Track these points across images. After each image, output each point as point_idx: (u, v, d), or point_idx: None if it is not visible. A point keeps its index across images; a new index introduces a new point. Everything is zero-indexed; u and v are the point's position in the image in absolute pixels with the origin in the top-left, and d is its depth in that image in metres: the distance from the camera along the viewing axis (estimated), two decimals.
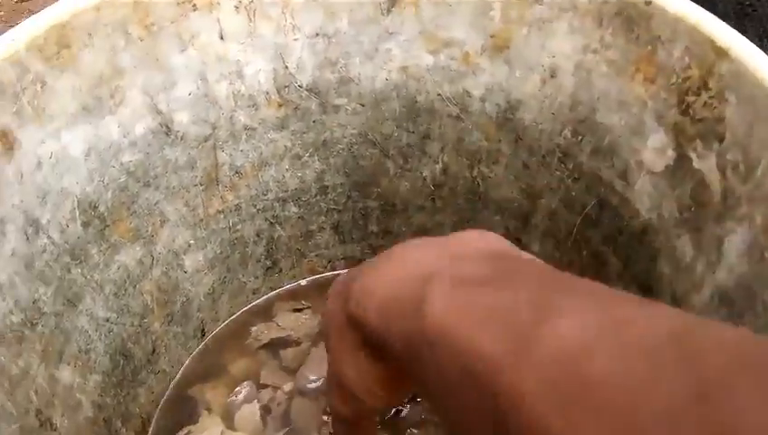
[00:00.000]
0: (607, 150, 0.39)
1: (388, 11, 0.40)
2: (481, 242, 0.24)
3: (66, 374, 0.37)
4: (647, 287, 0.38)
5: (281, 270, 0.57)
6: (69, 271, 0.37)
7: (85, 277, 0.39)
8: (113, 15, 0.34)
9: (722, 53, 0.29)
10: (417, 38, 0.41)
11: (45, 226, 0.35)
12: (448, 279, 0.21)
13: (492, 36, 0.39)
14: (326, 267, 0.59)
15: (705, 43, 0.30)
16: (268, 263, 0.55)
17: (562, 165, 0.42)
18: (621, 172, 0.39)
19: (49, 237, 0.35)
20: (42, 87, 0.33)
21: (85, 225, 0.38)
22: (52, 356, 0.36)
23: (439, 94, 0.44)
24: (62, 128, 0.35)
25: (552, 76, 0.39)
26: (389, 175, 0.51)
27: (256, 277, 0.55)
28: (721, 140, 0.31)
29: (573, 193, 0.43)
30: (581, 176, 0.41)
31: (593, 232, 0.42)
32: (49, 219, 0.35)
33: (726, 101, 0.30)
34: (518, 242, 0.50)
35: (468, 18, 0.39)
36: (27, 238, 0.34)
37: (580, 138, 0.40)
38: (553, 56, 0.38)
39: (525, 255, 0.25)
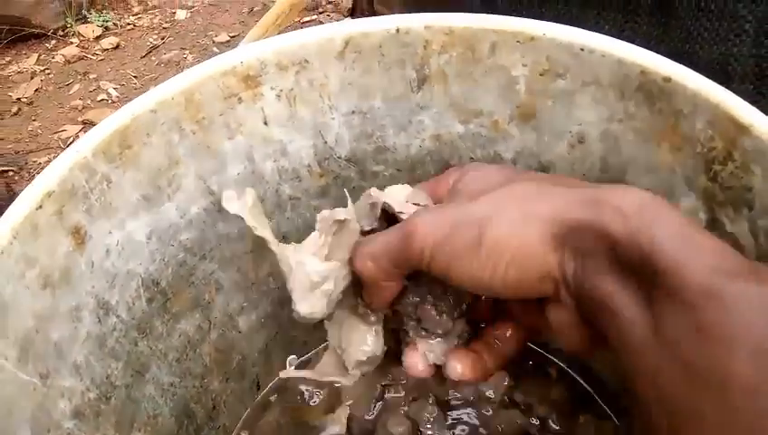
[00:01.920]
0: None
1: (419, 88, 0.42)
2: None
3: None
4: None
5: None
6: (136, 344, 0.41)
7: (150, 348, 0.42)
8: (168, 115, 0.38)
9: (743, 129, 0.30)
10: (447, 110, 0.43)
11: (114, 306, 0.38)
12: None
13: (518, 107, 0.41)
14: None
15: (727, 119, 0.31)
16: None
17: None
18: None
19: (118, 316, 0.39)
20: (108, 185, 0.36)
21: (149, 301, 0.41)
22: (125, 426, 0.39)
23: (472, 157, 0.46)
24: (126, 218, 0.38)
25: (579, 142, 0.40)
26: None
27: (305, 330, 0.58)
28: (751, 207, 0.32)
29: None
30: None
31: None
32: (117, 300, 0.39)
33: (753, 172, 0.31)
34: None
35: (495, 91, 0.41)
36: (99, 320, 0.37)
37: None
38: (580, 124, 0.39)
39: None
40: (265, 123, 0.42)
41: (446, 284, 0.31)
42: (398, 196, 0.37)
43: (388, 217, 0.37)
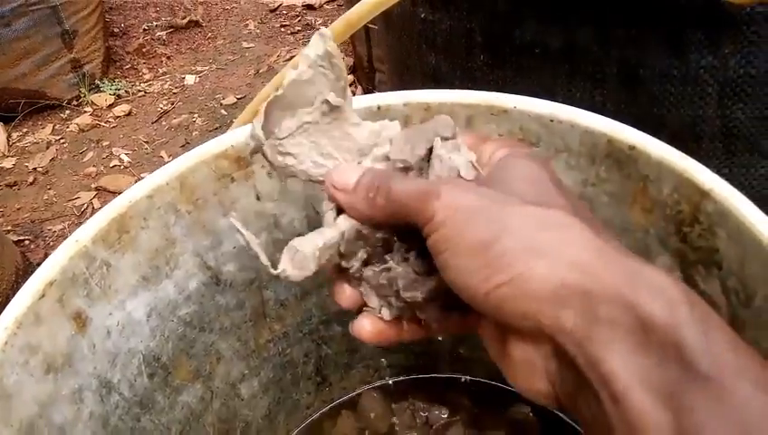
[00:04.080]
0: None
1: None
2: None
3: None
4: None
5: (331, 384, 0.60)
6: (139, 420, 0.42)
7: (153, 422, 0.43)
8: (164, 199, 0.40)
9: (705, 194, 0.31)
10: None
11: (116, 384, 0.40)
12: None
13: None
14: (373, 376, 0.62)
15: (689, 185, 0.32)
16: (318, 379, 0.59)
17: None
18: None
19: (120, 394, 0.40)
20: (107, 269, 0.38)
21: (151, 376, 0.43)
22: None
23: None
24: (126, 299, 0.40)
25: None
26: None
27: (308, 393, 0.59)
28: (719, 267, 0.33)
29: None
30: None
31: None
32: (119, 378, 0.40)
33: (717, 235, 0.32)
34: None
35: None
36: (102, 399, 0.39)
37: None
38: None
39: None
40: (258, 199, 0.44)
41: (418, 256, 0.29)
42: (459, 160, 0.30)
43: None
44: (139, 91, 1.65)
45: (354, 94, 0.36)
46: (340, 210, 0.31)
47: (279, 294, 0.50)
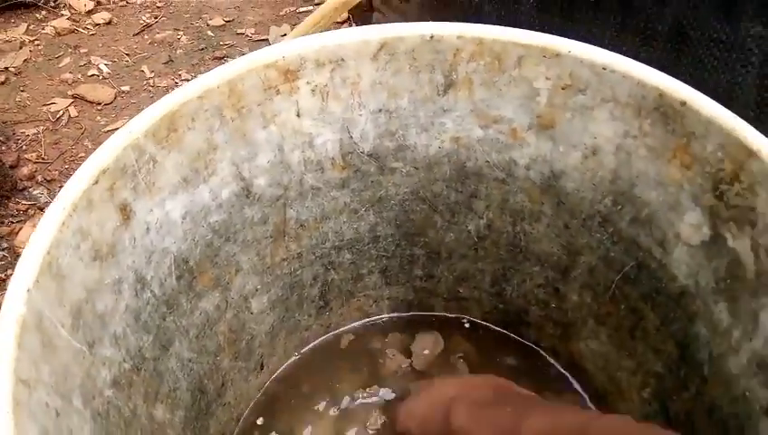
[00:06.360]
0: (645, 221, 0.43)
1: (445, 92, 0.45)
2: (489, 380, 0.41)
3: (160, 413, 0.42)
4: (684, 345, 0.42)
5: (331, 309, 0.62)
6: (164, 319, 0.42)
7: (176, 324, 0.44)
8: (212, 102, 0.40)
9: (752, 154, 0.34)
10: (469, 115, 0.46)
11: (149, 281, 0.40)
12: (467, 401, 0.38)
13: (538, 117, 0.44)
14: (371, 306, 0.64)
15: (737, 144, 0.34)
16: (321, 303, 0.60)
17: (602, 228, 0.47)
18: (659, 241, 0.43)
19: (151, 292, 0.40)
20: (153, 165, 0.38)
21: (178, 278, 0.43)
22: (151, 396, 0.41)
23: (487, 161, 0.49)
24: (166, 198, 0.40)
25: (593, 154, 0.43)
26: (436, 227, 0.56)
27: (309, 316, 0.60)
28: (753, 225, 0.35)
29: (613, 254, 0.47)
30: (620, 240, 0.46)
31: (631, 289, 0.46)
32: (152, 276, 0.40)
33: (757, 194, 0.34)
34: (556, 292, 0.55)
35: (517, 101, 0.44)
36: (136, 294, 0.39)
37: (619, 207, 0.44)
38: (595, 138, 0.42)
39: (523, 391, 0.41)
40: (298, 115, 0.44)
41: None
42: None
43: None
44: (121, 0, 1.56)
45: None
46: None
47: (300, 214, 0.51)
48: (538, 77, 0.42)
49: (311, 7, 1.64)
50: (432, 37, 0.43)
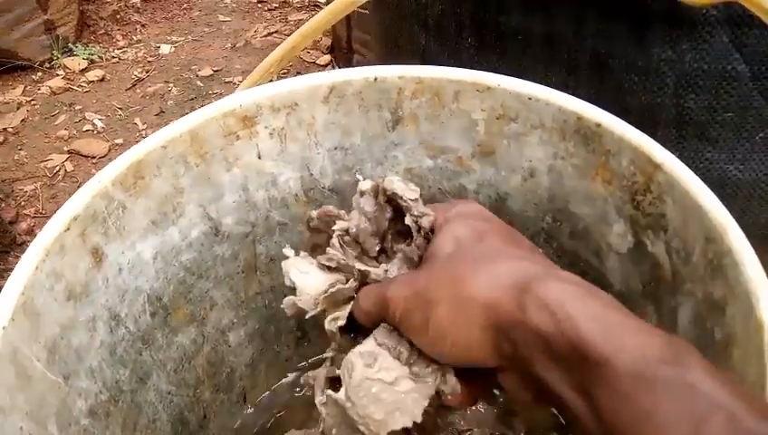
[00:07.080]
0: (582, 234, 0.46)
1: (394, 127, 0.49)
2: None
3: None
4: None
5: (309, 340, 0.64)
6: (140, 354, 0.45)
7: (152, 358, 0.47)
8: (176, 150, 0.44)
9: (657, 167, 0.37)
10: (418, 147, 0.50)
11: (124, 318, 0.43)
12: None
13: (479, 145, 0.47)
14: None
15: (644, 158, 0.38)
16: (299, 334, 0.63)
17: (547, 244, 0.50)
18: (595, 251, 0.46)
19: (126, 328, 0.44)
20: (123, 211, 0.42)
21: (153, 314, 0.46)
22: (129, 427, 0.44)
23: (440, 188, 0.52)
24: (136, 240, 0.43)
25: (531, 175, 0.47)
26: None
27: (288, 347, 0.63)
28: (665, 230, 0.39)
29: (560, 266, 0.50)
30: (564, 253, 0.49)
31: None
32: (126, 313, 0.44)
33: (665, 202, 0.38)
34: None
35: (459, 132, 0.47)
36: (111, 330, 0.42)
37: (559, 223, 0.47)
38: (530, 161, 0.46)
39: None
40: (259, 157, 0.48)
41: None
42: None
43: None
44: (113, 57, 1.64)
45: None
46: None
47: (270, 249, 0.54)
48: (474, 109, 0.46)
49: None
50: (376, 79, 0.47)
